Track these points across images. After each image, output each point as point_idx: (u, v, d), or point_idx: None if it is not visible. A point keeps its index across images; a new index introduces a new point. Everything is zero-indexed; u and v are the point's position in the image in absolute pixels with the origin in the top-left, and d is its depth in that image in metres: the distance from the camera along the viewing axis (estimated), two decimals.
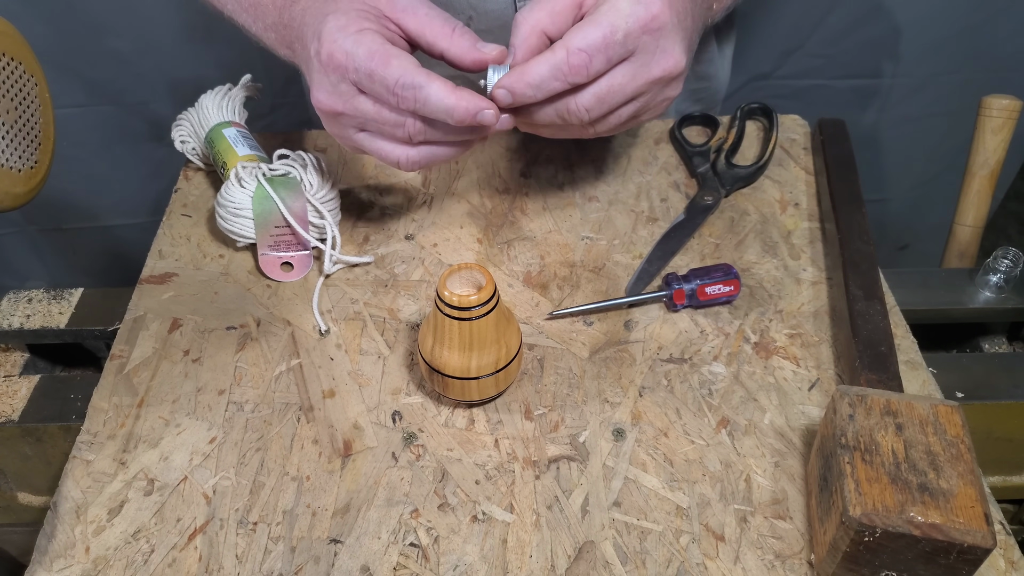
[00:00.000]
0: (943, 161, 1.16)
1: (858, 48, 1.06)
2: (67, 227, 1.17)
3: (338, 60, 0.47)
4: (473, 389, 0.49)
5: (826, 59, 1.08)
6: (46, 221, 1.16)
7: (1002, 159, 0.77)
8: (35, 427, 0.57)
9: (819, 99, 1.12)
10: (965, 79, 1.08)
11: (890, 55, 1.07)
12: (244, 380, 0.54)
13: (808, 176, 0.70)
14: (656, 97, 0.52)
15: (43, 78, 0.47)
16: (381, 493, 0.47)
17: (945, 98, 1.10)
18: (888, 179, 1.20)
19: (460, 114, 0.47)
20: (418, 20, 0.50)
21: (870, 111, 1.13)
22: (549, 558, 0.44)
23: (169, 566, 0.44)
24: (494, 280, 0.47)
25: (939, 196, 1.17)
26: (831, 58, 1.08)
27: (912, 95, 1.10)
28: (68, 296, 0.65)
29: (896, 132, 1.14)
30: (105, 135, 1.08)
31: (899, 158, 1.17)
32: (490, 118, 0.48)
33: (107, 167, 1.11)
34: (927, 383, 0.53)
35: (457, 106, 0.47)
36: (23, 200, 0.44)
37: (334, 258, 0.60)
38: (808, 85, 1.10)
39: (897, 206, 1.22)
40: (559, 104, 0.50)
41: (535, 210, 0.67)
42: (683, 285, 0.57)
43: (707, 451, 0.49)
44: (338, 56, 0.47)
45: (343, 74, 0.48)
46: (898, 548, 0.39)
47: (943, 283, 0.67)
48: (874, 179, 1.18)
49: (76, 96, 1.03)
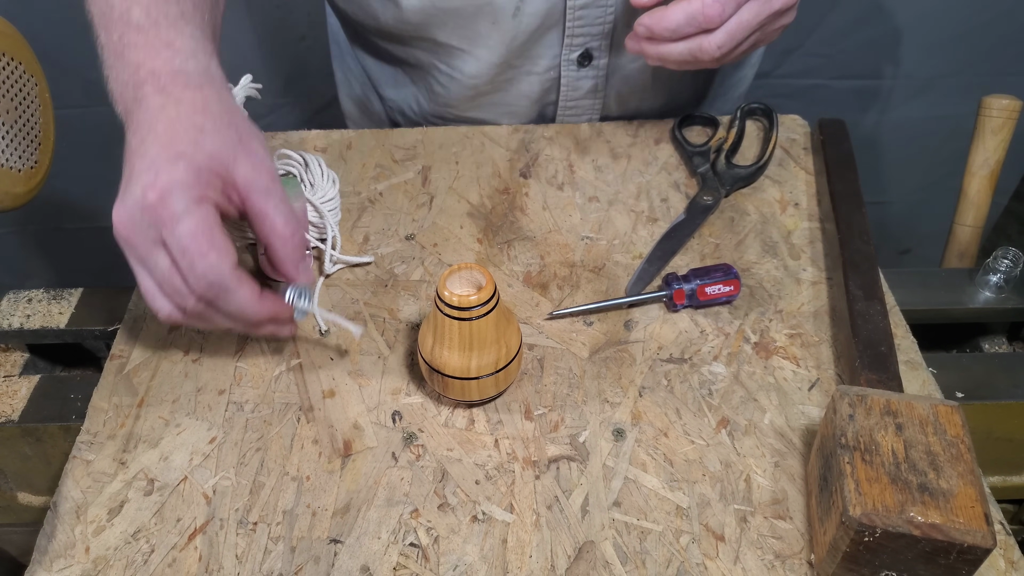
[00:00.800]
0: (945, 166, 1.16)
1: (858, 48, 1.07)
2: (67, 227, 1.17)
3: (160, 214, 0.43)
4: (473, 389, 0.49)
5: (826, 59, 1.08)
6: (46, 221, 1.16)
7: (1002, 159, 0.77)
8: (35, 427, 0.56)
9: (819, 99, 1.12)
10: (967, 82, 1.08)
11: (891, 56, 1.07)
12: (244, 380, 0.54)
13: (808, 176, 0.70)
14: (773, 24, 0.57)
15: (43, 78, 0.47)
16: (381, 493, 0.47)
17: (946, 101, 1.10)
18: (889, 182, 1.20)
19: (261, 318, 0.47)
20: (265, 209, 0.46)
21: (871, 112, 1.13)
22: (549, 558, 0.44)
23: (169, 566, 0.44)
24: (494, 280, 0.47)
25: (941, 200, 1.17)
26: (830, 58, 1.08)
27: (913, 97, 1.10)
28: (68, 296, 0.65)
29: (897, 135, 1.14)
30: (104, 136, 1.09)
31: (900, 161, 1.17)
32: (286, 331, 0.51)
33: (106, 167, 1.11)
34: (927, 383, 0.53)
35: (260, 312, 0.46)
36: (23, 200, 0.44)
37: (334, 258, 0.60)
38: (808, 85, 1.10)
39: (898, 209, 1.22)
40: (692, 44, 0.55)
41: (535, 210, 0.67)
42: (683, 285, 0.57)
43: (707, 451, 0.49)
44: (162, 212, 0.43)
45: (159, 227, 0.43)
46: (898, 548, 0.39)
47: (943, 283, 0.66)
48: (875, 181, 1.18)
49: (76, 97, 1.03)
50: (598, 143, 0.74)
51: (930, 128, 1.13)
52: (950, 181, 1.13)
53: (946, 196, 1.13)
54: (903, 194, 1.21)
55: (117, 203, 0.45)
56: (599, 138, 0.74)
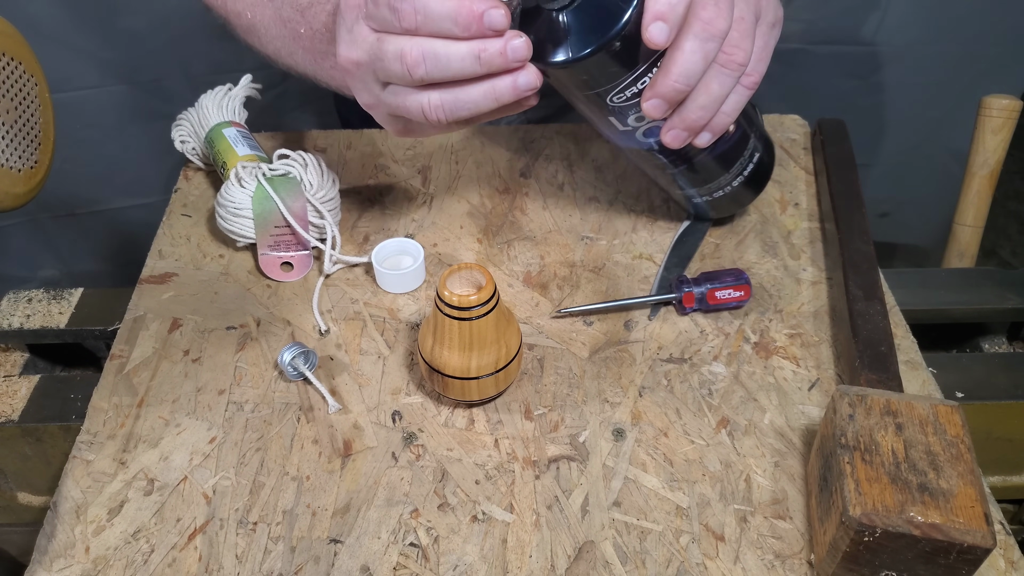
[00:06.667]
0: (922, 132, 1.16)
1: (838, 15, 1.07)
2: (79, 212, 1.18)
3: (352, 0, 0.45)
4: (473, 389, 0.49)
5: (806, 24, 1.08)
6: (59, 207, 1.17)
7: (1002, 159, 0.77)
8: (35, 427, 0.57)
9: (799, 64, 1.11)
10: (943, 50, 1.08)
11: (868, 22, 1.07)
12: (244, 380, 0.54)
13: (808, 176, 0.70)
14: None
15: (43, 78, 0.47)
16: (381, 493, 0.47)
17: (924, 69, 1.10)
18: (868, 145, 1.20)
19: (464, 17, 0.42)
20: None
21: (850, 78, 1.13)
22: (549, 558, 0.44)
23: (169, 566, 0.44)
24: (494, 280, 0.47)
25: (920, 167, 1.18)
26: (811, 23, 1.08)
27: (890, 63, 1.10)
28: (68, 296, 0.65)
29: (874, 99, 1.14)
30: (118, 116, 1.09)
31: (879, 125, 1.17)
32: (499, 19, 0.42)
33: (119, 148, 1.12)
34: (927, 383, 0.53)
35: (460, 8, 0.42)
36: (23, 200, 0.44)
37: (334, 258, 0.60)
38: (789, 50, 1.10)
39: (876, 172, 1.22)
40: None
41: (535, 210, 0.67)
42: (693, 289, 0.57)
43: (707, 451, 0.49)
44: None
45: (357, 13, 0.45)
46: (898, 548, 0.39)
47: (943, 283, 0.67)
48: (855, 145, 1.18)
49: (89, 77, 1.04)
50: (598, 143, 0.74)
51: (907, 94, 1.13)
52: (928, 149, 1.14)
53: (925, 164, 1.16)
54: (881, 157, 1.21)
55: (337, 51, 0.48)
56: (599, 138, 0.74)
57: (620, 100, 0.48)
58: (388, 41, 0.44)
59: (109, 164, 1.14)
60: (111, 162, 1.13)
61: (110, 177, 1.15)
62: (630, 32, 0.43)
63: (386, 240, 0.61)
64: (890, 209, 1.26)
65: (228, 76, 0.73)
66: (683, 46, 0.44)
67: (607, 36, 0.44)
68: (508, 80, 0.44)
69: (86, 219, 1.19)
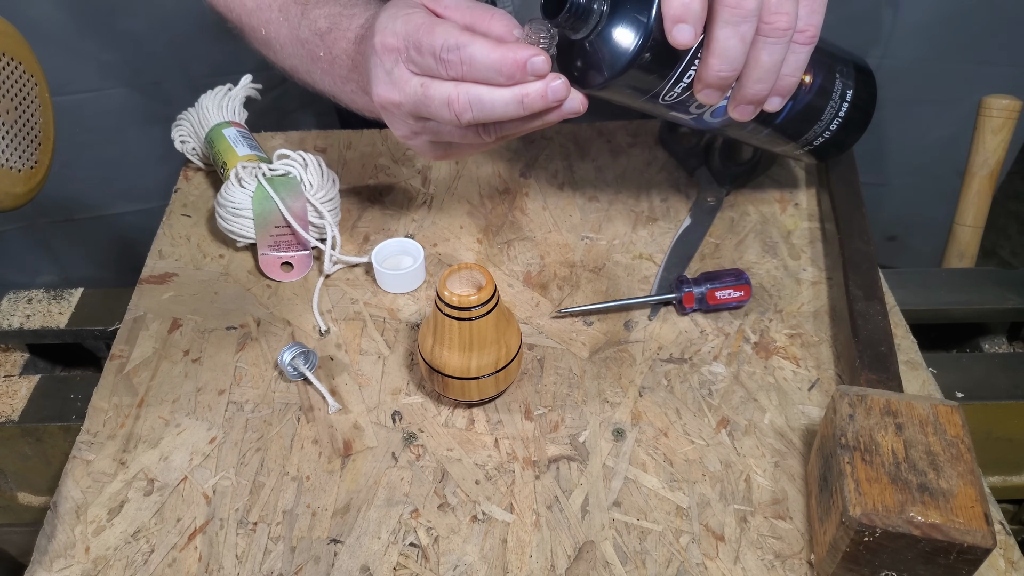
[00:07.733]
0: (933, 151, 1.15)
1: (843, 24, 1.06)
2: (78, 217, 1.18)
3: (389, 43, 0.47)
4: (473, 389, 0.49)
5: None
6: (58, 212, 1.17)
7: (1002, 159, 0.76)
8: (35, 427, 0.57)
9: None
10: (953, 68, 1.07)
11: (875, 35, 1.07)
12: (244, 380, 0.54)
13: (808, 176, 0.70)
14: None
15: (43, 78, 0.47)
16: (381, 493, 0.47)
17: (934, 86, 1.09)
18: (877, 164, 1.19)
19: (509, 68, 0.43)
20: (460, 9, 0.48)
21: None
22: (549, 558, 0.44)
23: (169, 566, 0.44)
24: (494, 280, 0.47)
25: (930, 189, 1.17)
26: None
27: (898, 78, 1.10)
28: (68, 296, 0.65)
29: (882, 115, 1.14)
30: (118, 119, 1.09)
31: (889, 145, 1.16)
32: (541, 65, 0.43)
33: (119, 152, 1.12)
34: (927, 383, 0.53)
35: (504, 59, 0.43)
36: (23, 200, 0.44)
37: (334, 258, 0.60)
38: None
39: (885, 193, 1.21)
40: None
41: (535, 210, 0.67)
42: (693, 289, 0.57)
43: (707, 451, 0.49)
44: (389, 39, 0.47)
45: (396, 56, 0.47)
46: (898, 548, 0.39)
47: (943, 283, 0.67)
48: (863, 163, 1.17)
49: (89, 80, 1.04)
50: (598, 143, 0.74)
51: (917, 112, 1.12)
52: (938, 170, 1.12)
53: (936, 186, 1.12)
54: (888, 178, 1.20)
55: (371, 89, 0.49)
56: (599, 138, 0.74)
57: (673, 97, 0.48)
58: (433, 87, 0.46)
59: (108, 168, 1.13)
60: (110, 166, 1.13)
61: (109, 182, 1.15)
62: (656, 40, 0.43)
63: (386, 240, 0.61)
64: (899, 232, 1.25)
65: (228, 78, 0.73)
66: (716, 35, 0.43)
67: (633, 51, 0.44)
68: (555, 115, 0.47)
69: (85, 224, 1.19)
